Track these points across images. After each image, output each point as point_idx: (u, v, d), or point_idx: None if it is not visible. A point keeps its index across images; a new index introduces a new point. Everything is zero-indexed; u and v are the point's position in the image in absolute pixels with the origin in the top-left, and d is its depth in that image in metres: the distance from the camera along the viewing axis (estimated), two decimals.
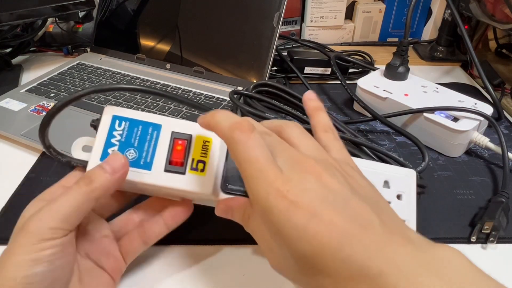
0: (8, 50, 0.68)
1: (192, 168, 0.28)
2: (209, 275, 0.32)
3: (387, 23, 0.76)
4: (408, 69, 0.52)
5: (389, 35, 0.77)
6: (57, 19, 0.71)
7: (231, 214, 0.27)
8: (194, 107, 0.33)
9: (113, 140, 0.28)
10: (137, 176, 0.28)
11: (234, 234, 0.35)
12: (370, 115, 0.48)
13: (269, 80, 0.47)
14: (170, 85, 0.56)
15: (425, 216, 0.37)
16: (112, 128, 0.28)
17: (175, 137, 0.28)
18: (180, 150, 0.28)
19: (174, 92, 0.54)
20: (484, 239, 0.34)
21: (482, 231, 0.34)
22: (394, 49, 0.52)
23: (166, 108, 0.50)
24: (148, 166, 0.28)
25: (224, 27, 0.56)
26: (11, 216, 0.36)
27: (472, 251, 0.34)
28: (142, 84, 0.56)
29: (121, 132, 0.28)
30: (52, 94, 0.54)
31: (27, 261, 0.22)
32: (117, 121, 0.28)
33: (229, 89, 0.53)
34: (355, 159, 0.29)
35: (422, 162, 0.39)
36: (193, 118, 0.48)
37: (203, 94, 0.53)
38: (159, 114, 0.49)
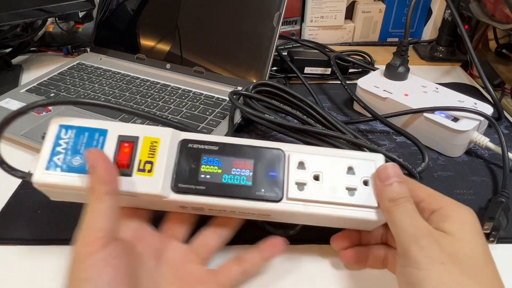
0: (8, 50, 0.68)
1: (139, 170, 0.27)
2: None
3: (387, 23, 0.76)
4: (408, 69, 0.52)
5: (389, 35, 0.77)
6: (57, 19, 0.71)
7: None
8: (161, 122, 0.33)
9: (59, 149, 0.28)
10: (86, 181, 0.27)
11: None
12: (370, 115, 0.48)
13: (269, 80, 0.47)
14: (170, 85, 0.56)
15: None
16: (58, 137, 0.28)
17: (122, 140, 0.28)
18: (127, 153, 0.28)
19: (175, 92, 0.54)
20: None
21: (482, 231, 0.34)
22: (394, 49, 0.52)
23: (166, 108, 0.50)
24: None
25: (224, 27, 0.56)
26: (11, 216, 0.36)
27: None
28: (142, 84, 0.56)
29: (67, 141, 0.28)
30: (52, 94, 0.54)
31: (78, 281, 0.23)
32: (63, 130, 0.28)
33: (229, 89, 0.53)
34: (315, 148, 0.30)
35: (422, 163, 0.39)
36: (193, 118, 0.48)
37: (203, 94, 0.53)
38: (158, 114, 0.49)
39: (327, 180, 0.28)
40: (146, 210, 0.31)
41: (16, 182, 0.40)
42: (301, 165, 0.29)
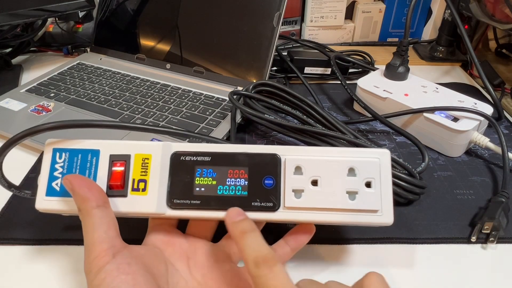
0: (8, 50, 0.68)
1: (133, 189, 0.28)
2: None
3: (387, 23, 0.76)
4: (408, 69, 0.52)
5: (389, 35, 0.77)
6: (57, 19, 0.71)
7: None
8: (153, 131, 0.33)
9: (55, 173, 0.28)
10: None
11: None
12: (370, 115, 0.48)
13: (269, 80, 0.47)
14: (170, 85, 0.56)
15: (425, 216, 0.37)
16: (53, 162, 0.29)
17: (113, 159, 0.28)
18: (119, 173, 0.28)
19: (175, 92, 0.54)
20: (484, 239, 0.34)
21: (482, 231, 0.34)
22: (394, 49, 0.52)
23: (166, 108, 0.50)
24: None
25: (224, 27, 0.56)
26: (11, 216, 0.36)
27: (472, 251, 0.34)
28: (142, 84, 0.56)
29: (62, 164, 0.28)
30: (52, 94, 0.54)
31: None
32: (58, 154, 0.29)
33: (229, 89, 0.53)
34: (313, 148, 0.28)
35: (422, 163, 0.39)
36: (193, 118, 0.48)
37: (203, 94, 0.53)
38: (158, 113, 0.49)
39: (326, 184, 0.27)
40: None
41: (16, 182, 0.40)
42: (298, 170, 0.28)
